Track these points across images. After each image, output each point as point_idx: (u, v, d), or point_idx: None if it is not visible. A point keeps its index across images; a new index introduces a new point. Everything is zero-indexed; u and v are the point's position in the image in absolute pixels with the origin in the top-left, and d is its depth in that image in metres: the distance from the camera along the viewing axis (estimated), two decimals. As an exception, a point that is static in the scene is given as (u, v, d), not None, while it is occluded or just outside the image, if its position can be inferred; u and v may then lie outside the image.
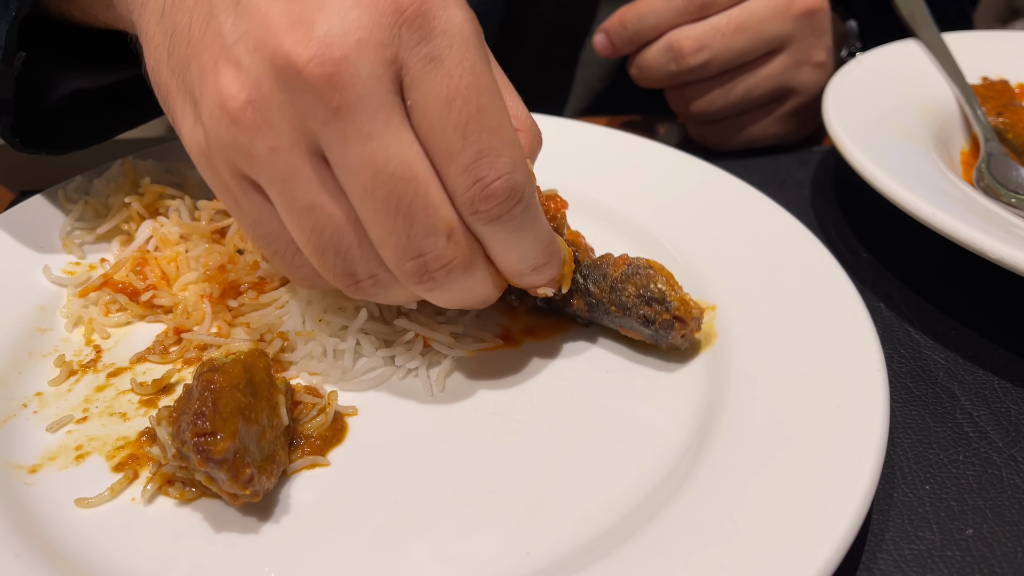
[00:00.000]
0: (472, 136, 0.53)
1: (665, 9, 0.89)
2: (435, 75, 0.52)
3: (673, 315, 0.66)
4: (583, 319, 0.72)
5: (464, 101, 0.52)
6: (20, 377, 0.67)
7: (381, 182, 0.52)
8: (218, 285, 0.73)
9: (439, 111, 0.52)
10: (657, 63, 0.92)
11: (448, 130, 0.52)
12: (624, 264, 0.69)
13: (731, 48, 0.89)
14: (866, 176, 0.77)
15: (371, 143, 0.52)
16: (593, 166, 0.89)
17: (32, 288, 0.73)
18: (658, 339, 0.68)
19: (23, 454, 0.60)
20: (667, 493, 0.57)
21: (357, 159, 0.52)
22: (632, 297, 0.67)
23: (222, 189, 0.58)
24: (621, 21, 0.93)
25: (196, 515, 0.57)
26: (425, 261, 0.55)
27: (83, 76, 0.81)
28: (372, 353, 0.69)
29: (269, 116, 0.52)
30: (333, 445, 0.62)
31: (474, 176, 0.54)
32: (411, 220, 0.54)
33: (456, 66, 0.52)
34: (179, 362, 0.69)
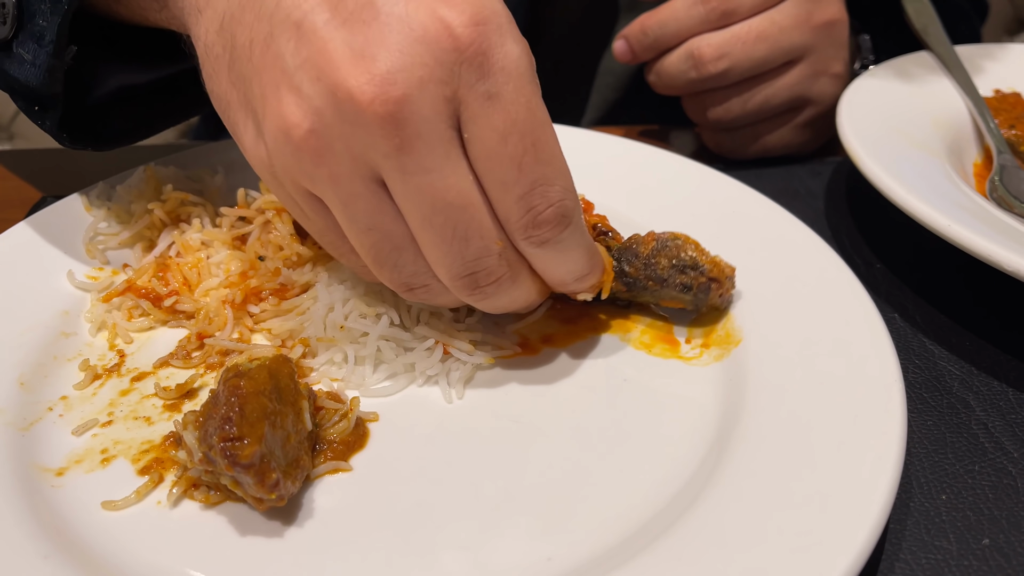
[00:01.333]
0: (527, 168, 0.56)
1: (686, 17, 0.90)
2: (492, 111, 0.55)
3: (709, 277, 0.71)
4: (622, 301, 0.76)
5: (520, 136, 0.55)
6: (45, 381, 0.67)
7: (439, 211, 0.56)
8: (240, 291, 0.73)
9: (496, 146, 0.55)
10: (677, 70, 0.93)
11: (504, 163, 0.56)
12: (653, 240, 0.73)
13: (751, 57, 0.90)
14: (880, 188, 0.78)
15: (430, 176, 0.55)
16: (610, 176, 0.90)
17: (57, 293, 0.74)
18: (698, 303, 0.72)
19: (50, 457, 0.61)
20: (686, 501, 0.57)
21: (416, 190, 0.55)
22: (667, 269, 0.71)
23: (287, 200, 0.62)
24: (642, 28, 0.93)
25: (221, 519, 0.57)
26: (477, 278, 0.60)
27: (129, 72, 0.83)
28: (392, 360, 0.70)
29: (331, 145, 0.55)
30: (355, 450, 0.63)
31: (528, 205, 0.57)
32: (466, 244, 0.58)
33: (512, 102, 0.55)
34: (202, 367, 0.70)
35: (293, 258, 0.77)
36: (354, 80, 0.52)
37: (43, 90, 0.74)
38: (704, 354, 0.71)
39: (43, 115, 0.77)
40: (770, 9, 0.90)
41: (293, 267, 0.77)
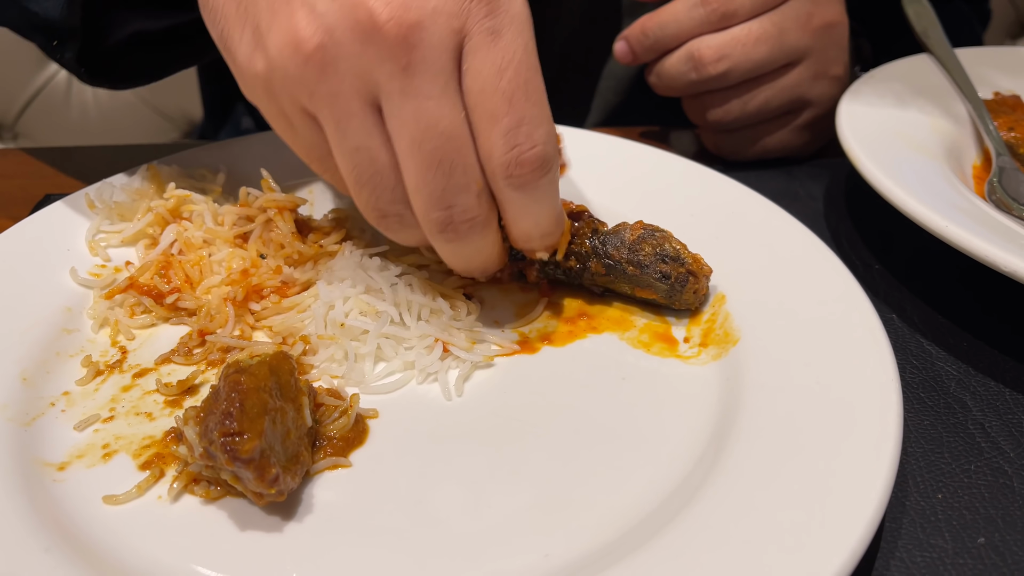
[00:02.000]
0: (516, 104, 0.59)
1: (687, 19, 0.91)
2: (493, 46, 0.59)
3: (688, 270, 0.73)
4: (598, 288, 0.78)
5: (515, 72, 0.59)
6: (48, 376, 0.68)
7: (429, 137, 0.59)
8: (241, 289, 0.74)
9: (491, 78, 0.59)
10: (677, 71, 0.93)
11: (496, 96, 0.59)
12: (640, 228, 0.76)
13: (751, 58, 0.90)
14: (880, 190, 0.78)
15: (428, 102, 0.58)
16: (609, 177, 0.90)
17: (59, 289, 0.75)
18: (673, 295, 0.74)
19: (51, 452, 0.62)
20: (683, 498, 0.58)
21: (412, 113, 0.59)
22: (649, 256, 0.74)
23: (277, 115, 0.65)
24: (642, 29, 0.94)
25: (221, 514, 0.58)
26: (452, 213, 0.62)
27: (145, 19, 0.86)
28: (392, 357, 0.71)
29: (338, 61, 0.58)
30: (355, 447, 0.63)
31: (513, 142, 0.60)
32: (449, 175, 0.60)
33: (512, 41, 0.59)
34: (203, 364, 0.71)
35: (294, 256, 0.77)
36: (372, 2, 0.56)
37: (63, 23, 0.78)
38: (702, 353, 0.72)
39: (62, 49, 0.81)
40: (770, 11, 0.90)
41: (294, 265, 0.77)
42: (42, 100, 2.29)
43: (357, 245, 0.79)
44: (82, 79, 0.83)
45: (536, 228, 0.67)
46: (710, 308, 0.75)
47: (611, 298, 0.79)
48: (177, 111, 2.34)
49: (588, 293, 0.79)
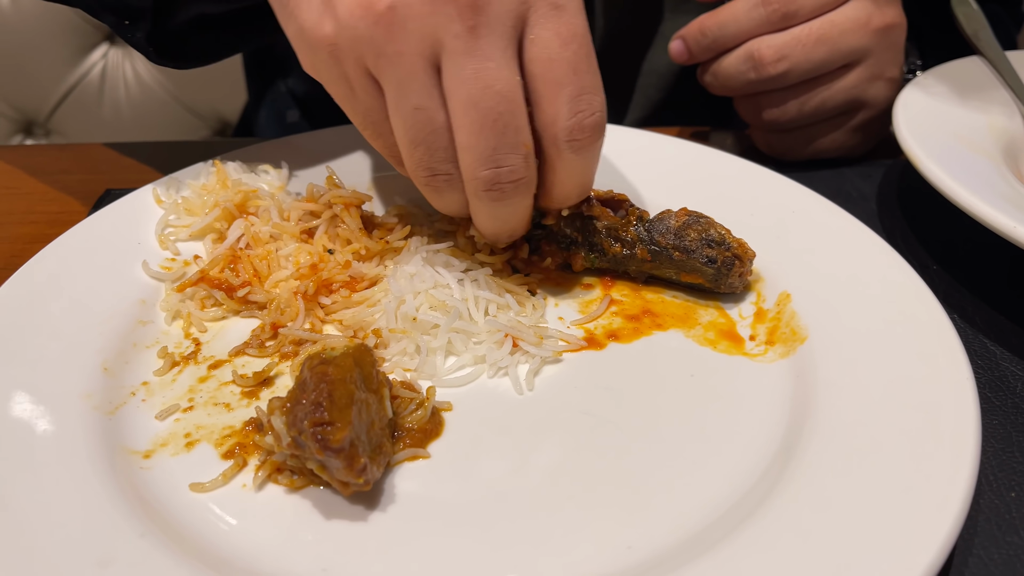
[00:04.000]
0: (580, 73, 0.64)
1: (747, 19, 0.91)
2: (558, 18, 0.62)
3: (733, 254, 0.76)
4: (642, 275, 0.80)
5: (579, 44, 0.64)
6: (127, 367, 0.69)
7: (487, 96, 0.62)
8: (312, 283, 0.75)
9: (558, 48, 0.63)
10: (736, 71, 0.93)
11: (563, 65, 0.63)
12: (685, 215, 0.79)
13: (811, 59, 0.91)
14: (943, 190, 0.79)
15: (489, 63, 0.62)
16: (667, 176, 0.91)
17: (133, 282, 0.76)
18: (718, 279, 0.77)
19: (136, 440, 0.63)
20: (762, 493, 0.58)
21: (473, 73, 0.62)
22: (695, 241, 0.77)
23: (339, 79, 0.67)
24: (701, 28, 0.94)
25: (306, 503, 0.59)
26: (500, 173, 0.65)
27: (208, 2, 0.88)
28: (462, 352, 0.72)
29: (406, 22, 0.61)
30: (432, 438, 0.64)
31: (576, 108, 0.64)
32: (502, 134, 0.64)
33: (574, 16, 0.63)
34: (276, 356, 0.72)
35: (362, 251, 0.78)
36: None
37: (135, 3, 0.82)
38: (769, 351, 0.72)
39: (133, 29, 0.85)
40: (830, 12, 0.91)
41: (362, 260, 0.78)
42: (75, 97, 2.31)
43: (421, 241, 0.80)
44: (150, 58, 0.87)
45: (579, 188, 0.72)
46: (775, 307, 0.76)
47: (655, 284, 0.81)
48: (208, 109, 2.35)
49: (649, 289, 0.80)
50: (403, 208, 0.86)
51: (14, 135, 2.18)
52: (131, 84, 2.29)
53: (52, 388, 0.64)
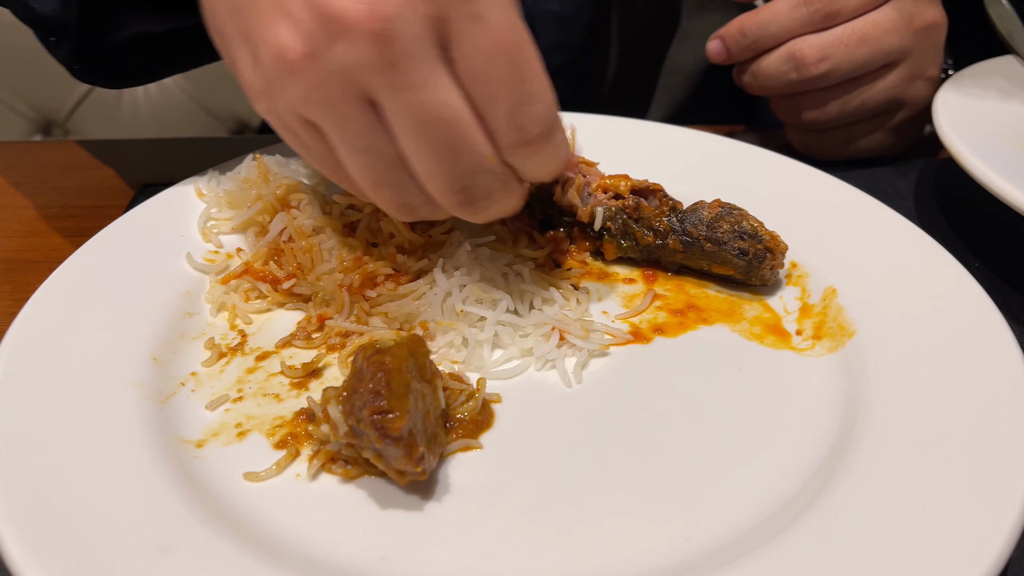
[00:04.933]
0: (512, 87, 0.60)
1: (788, 19, 0.91)
2: (479, 32, 0.58)
3: (765, 246, 0.76)
4: (674, 265, 0.81)
5: (506, 56, 0.59)
6: (175, 357, 0.69)
7: (430, 126, 0.59)
8: (357, 275, 0.75)
9: (482, 65, 0.58)
10: (777, 71, 0.93)
11: (491, 82, 0.59)
12: (718, 207, 0.79)
13: (853, 59, 0.91)
14: (988, 185, 0.78)
15: (419, 92, 0.58)
16: (706, 171, 0.91)
17: (178, 274, 0.76)
18: (750, 271, 0.77)
19: (188, 429, 0.63)
20: (818, 486, 0.58)
21: (406, 106, 0.58)
22: (727, 233, 0.77)
23: (284, 129, 0.65)
24: (740, 29, 0.94)
25: (361, 492, 0.59)
26: (471, 193, 0.63)
27: (150, 21, 0.87)
28: (509, 344, 0.71)
29: (324, 66, 0.58)
30: (483, 429, 0.64)
31: (515, 123, 0.61)
32: (459, 158, 0.61)
33: (497, 24, 0.58)
34: (323, 348, 0.72)
35: (405, 244, 0.78)
36: (344, 3, 0.55)
37: (59, 19, 0.80)
38: (816, 346, 0.72)
39: (58, 45, 0.83)
40: (872, 11, 0.91)
41: (406, 253, 0.78)
42: (94, 97, 2.32)
43: (465, 235, 0.80)
44: (75, 76, 0.85)
45: (550, 174, 0.67)
46: (821, 302, 0.75)
47: (687, 274, 0.81)
48: (226, 110, 2.36)
49: (692, 283, 0.80)
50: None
51: (33, 134, 2.19)
52: (149, 85, 2.29)
53: (104, 378, 0.64)
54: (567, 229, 0.84)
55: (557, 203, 0.83)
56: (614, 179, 0.83)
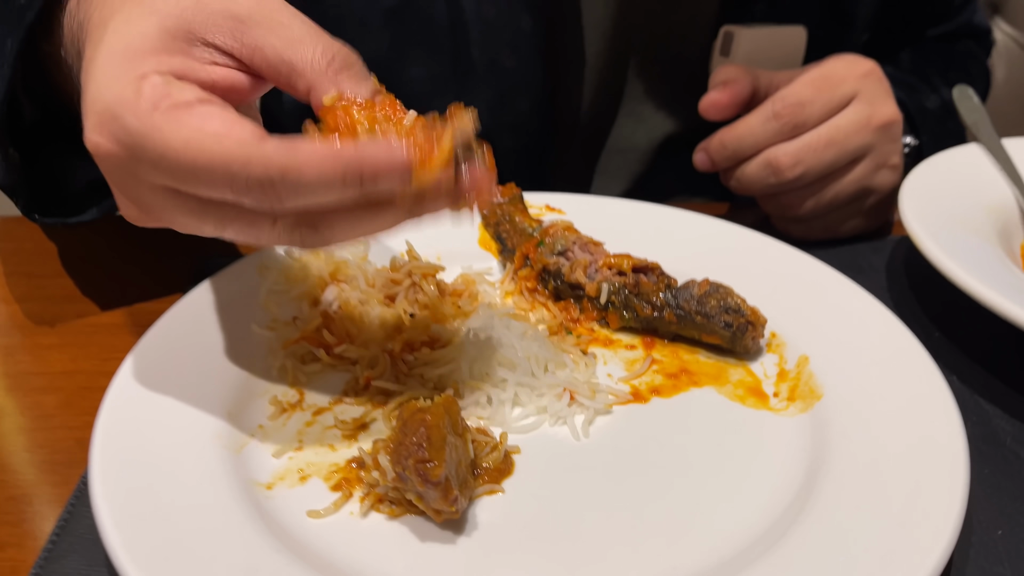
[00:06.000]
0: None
1: (762, 131, 1.04)
2: (157, 175, 0.63)
3: (747, 320, 0.88)
4: (669, 333, 0.93)
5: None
6: (246, 413, 0.82)
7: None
8: (397, 342, 0.88)
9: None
10: (757, 177, 1.06)
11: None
12: (707, 285, 0.91)
13: (823, 161, 1.04)
14: (942, 269, 0.90)
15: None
16: (696, 249, 1.04)
17: (245, 340, 0.89)
18: (734, 341, 0.89)
19: (259, 474, 0.75)
20: (785, 525, 0.70)
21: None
22: (715, 308, 0.89)
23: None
24: (721, 142, 1.07)
25: (404, 528, 0.71)
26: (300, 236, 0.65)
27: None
28: (527, 403, 0.84)
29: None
30: (505, 476, 0.76)
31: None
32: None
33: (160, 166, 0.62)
34: (369, 405, 0.84)
35: (439, 315, 0.91)
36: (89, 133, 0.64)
37: (4, 182, 0.90)
38: (790, 407, 0.84)
39: (15, 199, 0.93)
40: (834, 117, 1.04)
41: (439, 322, 0.91)
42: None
43: (488, 306, 0.93)
44: (35, 222, 0.94)
45: (353, 234, 0.66)
46: (795, 368, 0.88)
47: (682, 342, 0.93)
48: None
49: (685, 349, 0.92)
50: (468, 277, 1.00)
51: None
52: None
53: (191, 430, 0.77)
54: (577, 301, 0.97)
55: (567, 279, 0.96)
56: (617, 258, 0.96)
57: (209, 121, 0.61)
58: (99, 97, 0.63)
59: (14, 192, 0.93)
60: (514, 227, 1.06)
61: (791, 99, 1.04)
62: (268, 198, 0.60)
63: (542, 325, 0.94)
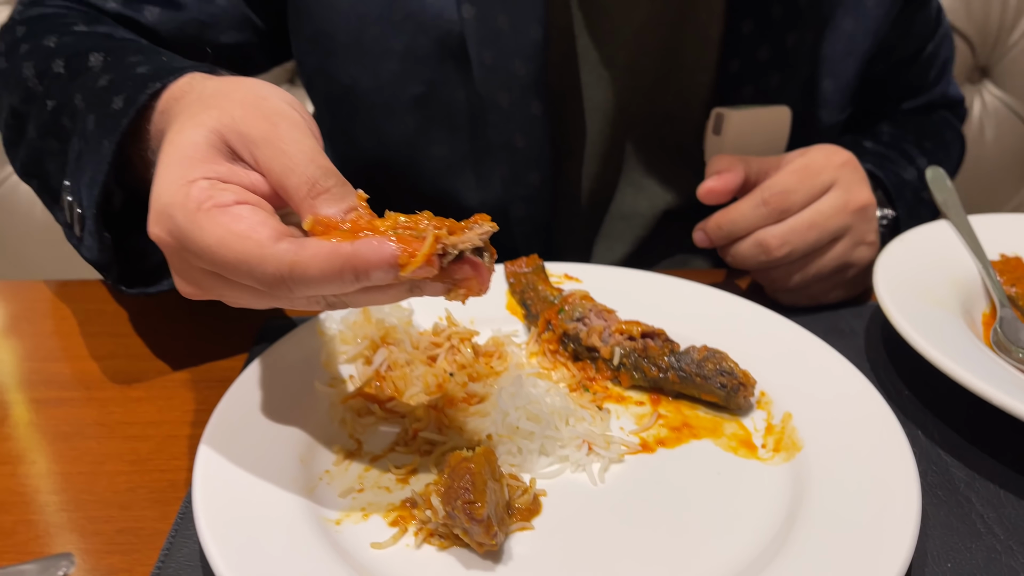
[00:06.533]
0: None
1: (753, 215, 1.20)
2: (197, 259, 0.77)
3: (740, 381, 1.03)
4: (673, 392, 1.08)
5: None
6: (314, 459, 0.96)
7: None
8: (440, 398, 1.03)
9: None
10: (750, 255, 1.22)
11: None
12: (705, 350, 1.06)
13: (806, 241, 1.19)
14: (908, 339, 1.05)
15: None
16: (696, 315, 1.19)
17: (310, 396, 1.04)
18: (729, 399, 1.04)
19: (328, 511, 0.90)
20: (768, 558, 0.84)
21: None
22: (712, 371, 1.03)
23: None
24: (716, 223, 1.24)
25: (451, 558, 0.85)
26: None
27: None
28: (552, 453, 0.98)
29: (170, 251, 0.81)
30: (534, 515, 0.91)
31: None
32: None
33: (207, 259, 0.78)
34: (417, 454, 0.99)
35: (475, 374, 1.07)
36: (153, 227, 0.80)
37: (100, 261, 1.05)
38: (775, 457, 0.98)
39: (105, 275, 1.08)
40: (816, 203, 1.20)
41: (475, 380, 1.06)
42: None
43: (517, 367, 1.08)
44: (123, 293, 1.10)
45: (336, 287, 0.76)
46: (780, 423, 1.02)
47: (683, 399, 1.08)
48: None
49: (687, 406, 1.07)
50: (497, 338, 1.15)
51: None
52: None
53: (271, 474, 0.91)
54: (593, 362, 1.12)
55: (585, 343, 1.11)
56: (628, 324, 1.11)
57: (238, 222, 0.73)
58: (158, 197, 0.79)
59: (106, 269, 1.08)
60: (537, 295, 1.22)
61: (777, 188, 1.20)
62: (282, 289, 0.75)
63: (563, 383, 1.09)
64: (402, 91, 1.39)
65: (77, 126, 1.04)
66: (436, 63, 1.36)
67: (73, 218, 1.04)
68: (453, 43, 1.34)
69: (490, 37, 1.32)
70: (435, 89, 1.39)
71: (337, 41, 1.38)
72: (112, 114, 0.98)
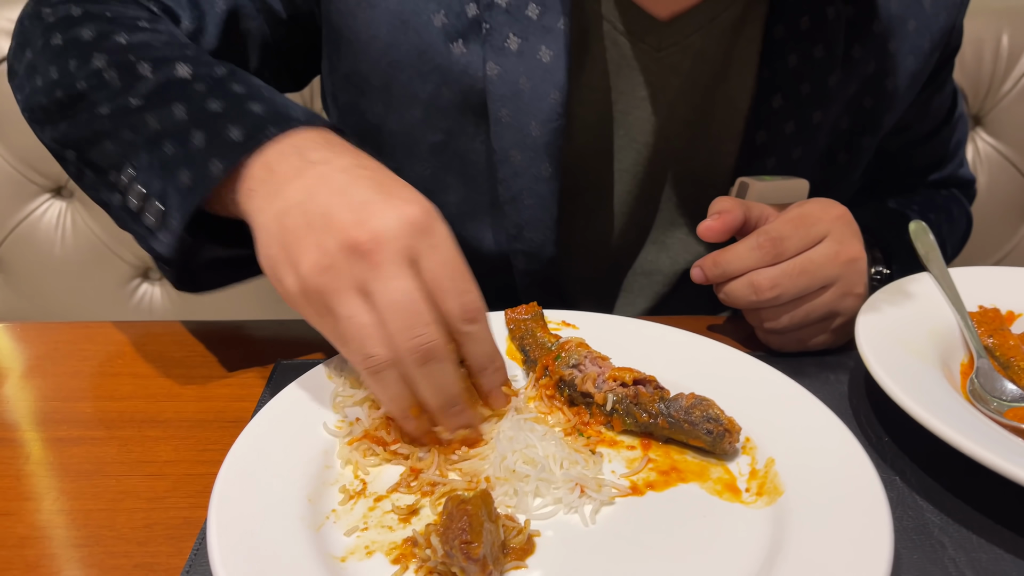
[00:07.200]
0: (457, 281, 1.00)
1: (748, 257, 1.26)
2: (435, 254, 0.98)
3: (725, 428, 1.08)
4: (663, 437, 1.13)
5: (450, 271, 0.99)
6: (321, 499, 1.02)
7: (397, 297, 0.96)
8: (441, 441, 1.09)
9: (438, 269, 0.99)
10: (742, 294, 1.28)
11: (444, 279, 0.99)
12: (693, 398, 1.11)
13: (796, 286, 1.25)
14: (886, 389, 1.11)
15: (392, 281, 0.97)
16: (684, 363, 1.25)
17: (318, 437, 1.10)
18: (715, 444, 1.09)
19: (334, 549, 0.95)
20: (747, 598, 0.89)
21: (383, 286, 0.97)
22: (699, 417, 1.08)
23: (313, 317, 1.03)
24: (714, 261, 1.30)
25: (449, 594, 0.91)
26: (419, 341, 0.97)
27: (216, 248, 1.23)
28: (546, 495, 1.04)
29: (337, 273, 0.98)
30: (528, 555, 0.96)
31: (460, 300, 1.00)
32: (415, 316, 0.97)
33: (446, 251, 0.99)
34: (419, 493, 1.05)
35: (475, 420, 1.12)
36: (355, 232, 0.96)
37: (170, 255, 1.15)
38: (758, 500, 1.04)
39: (166, 271, 1.21)
40: (808, 250, 1.26)
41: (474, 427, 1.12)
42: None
43: (514, 412, 1.14)
44: (176, 288, 1.24)
45: (486, 356, 1.05)
46: (763, 468, 1.08)
47: (672, 444, 1.13)
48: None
49: (675, 451, 1.13)
50: (498, 384, 1.21)
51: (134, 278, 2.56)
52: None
53: (279, 512, 0.97)
54: (587, 408, 1.17)
55: (580, 389, 1.17)
56: (621, 371, 1.17)
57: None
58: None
59: (170, 264, 1.18)
60: (535, 341, 1.29)
61: (773, 233, 1.27)
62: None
63: (558, 428, 1.15)
64: (422, 137, 1.47)
65: (176, 133, 1.14)
66: (457, 114, 1.45)
67: (147, 209, 1.15)
68: (475, 98, 1.43)
69: (509, 96, 1.40)
70: (452, 138, 1.47)
71: (370, 83, 1.47)
72: (229, 144, 1.10)
